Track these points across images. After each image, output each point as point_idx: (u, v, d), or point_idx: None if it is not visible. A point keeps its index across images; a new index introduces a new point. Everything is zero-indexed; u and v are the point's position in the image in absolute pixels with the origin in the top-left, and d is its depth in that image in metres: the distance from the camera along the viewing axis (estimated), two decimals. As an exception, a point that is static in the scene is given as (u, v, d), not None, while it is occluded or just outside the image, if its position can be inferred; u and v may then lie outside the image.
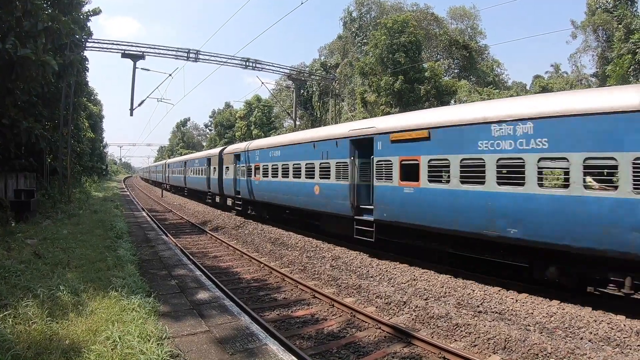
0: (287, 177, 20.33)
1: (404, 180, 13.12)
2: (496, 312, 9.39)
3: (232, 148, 30.39)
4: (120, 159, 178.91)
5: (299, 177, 19.06)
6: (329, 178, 16.85)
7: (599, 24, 42.56)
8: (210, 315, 7.69)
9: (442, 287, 11.17)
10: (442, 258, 13.28)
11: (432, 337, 8.49)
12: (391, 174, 13.48)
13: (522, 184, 9.79)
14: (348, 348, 8.17)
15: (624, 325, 8.22)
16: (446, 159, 11.72)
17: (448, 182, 11.68)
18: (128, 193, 52.09)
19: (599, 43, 45.57)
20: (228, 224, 24.60)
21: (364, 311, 9.82)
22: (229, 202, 30.74)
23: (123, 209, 28.30)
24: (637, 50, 32.32)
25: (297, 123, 52.61)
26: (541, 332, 8.26)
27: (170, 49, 32.55)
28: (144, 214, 27.52)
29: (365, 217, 14.98)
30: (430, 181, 12.23)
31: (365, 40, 50.76)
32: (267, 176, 22.68)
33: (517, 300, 9.93)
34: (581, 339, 7.90)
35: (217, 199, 33.82)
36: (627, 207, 8.15)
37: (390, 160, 13.56)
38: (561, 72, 59.53)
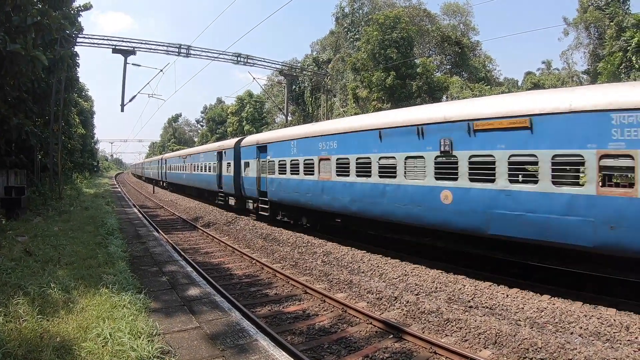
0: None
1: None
2: (487, 307, 9.45)
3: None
4: (112, 155, 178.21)
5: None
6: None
7: (591, 21, 42.69)
8: (201, 311, 7.69)
9: (433, 282, 11.22)
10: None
11: (423, 332, 8.54)
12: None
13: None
14: (339, 343, 8.20)
15: (614, 320, 8.29)
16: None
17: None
18: (119, 189, 51.81)
19: (590, 40, 45.73)
20: (220, 220, 24.56)
21: (355, 306, 9.85)
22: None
23: (114, 206, 28.18)
24: (628, 47, 32.49)
25: (289, 119, 52.55)
26: (532, 327, 8.32)
27: (161, 44, 32.46)
28: (135, 211, 27.41)
29: None
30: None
31: (358, 36, 50.59)
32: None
33: (507, 295, 9.99)
34: (571, 333, 7.96)
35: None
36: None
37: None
38: (553, 68, 59.80)
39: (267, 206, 21.48)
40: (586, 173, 8.63)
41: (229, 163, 27.04)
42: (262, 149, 22.27)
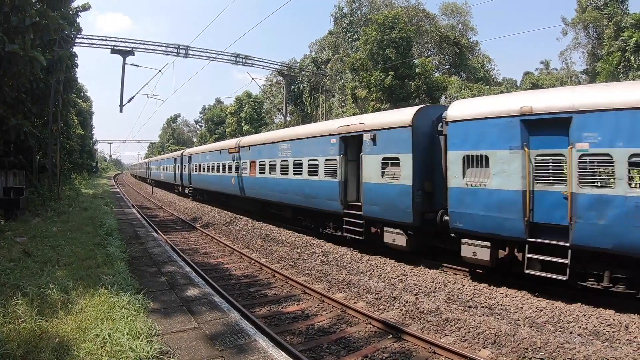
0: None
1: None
2: (486, 307, 9.45)
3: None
4: (110, 156, 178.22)
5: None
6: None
7: (589, 21, 42.79)
8: (200, 311, 7.69)
9: (432, 282, 11.23)
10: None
11: (422, 332, 8.54)
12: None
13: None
14: (338, 343, 8.20)
15: (613, 319, 8.30)
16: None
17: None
18: (118, 190, 51.77)
19: (589, 40, 45.83)
20: (219, 221, 24.54)
21: (354, 307, 9.85)
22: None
23: (113, 206, 28.14)
24: (626, 47, 32.55)
25: (288, 119, 52.55)
26: (531, 327, 8.32)
27: (160, 44, 32.42)
28: (134, 211, 27.38)
29: None
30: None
31: (356, 36, 50.62)
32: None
33: (506, 295, 10.00)
34: (570, 333, 7.97)
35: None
36: None
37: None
38: (551, 68, 59.81)
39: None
40: None
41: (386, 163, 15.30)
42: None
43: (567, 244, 9.26)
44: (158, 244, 15.07)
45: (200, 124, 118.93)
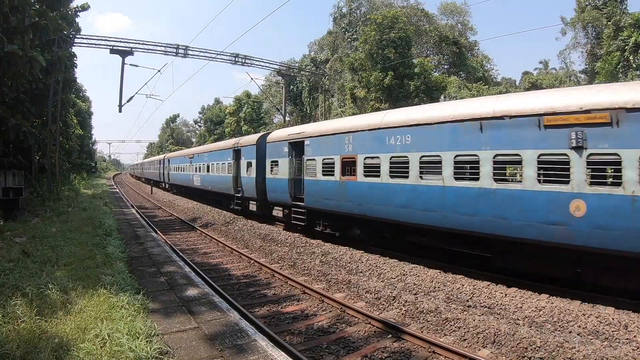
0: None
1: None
2: (485, 307, 9.46)
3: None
4: (110, 156, 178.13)
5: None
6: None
7: (588, 20, 42.75)
8: (199, 311, 7.68)
9: (432, 281, 11.24)
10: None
11: (422, 332, 8.55)
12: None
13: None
14: (338, 343, 8.21)
15: (613, 318, 8.31)
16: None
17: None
18: (117, 190, 51.76)
19: (588, 40, 45.80)
20: (218, 221, 24.56)
21: (353, 306, 9.86)
22: None
23: (112, 206, 28.09)
24: (625, 47, 32.57)
25: (287, 119, 52.54)
26: (530, 326, 8.33)
27: (159, 44, 32.43)
28: (133, 211, 27.36)
29: None
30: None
31: (355, 36, 50.69)
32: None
33: (506, 295, 10.00)
34: (570, 332, 7.97)
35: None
36: None
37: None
38: (550, 68, 59.82)
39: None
40: None
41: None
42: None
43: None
44: (157, 244, 15.06)
45: (199, 124, 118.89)
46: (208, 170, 32.48)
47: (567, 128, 9.12)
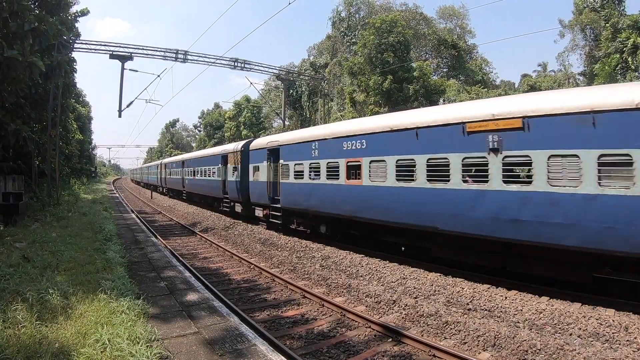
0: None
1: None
2: (485, 310, 9.46)
3: None
4: (109, 161, 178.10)
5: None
6: None
7: (586, 23, 42.84)
8: (199, 316, 7.68)
9: (432, 285, 11.23)
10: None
11: (422, 335, 8.55)
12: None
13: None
14: (338, 347, 8.21)
15: (613, 320, 8.31)
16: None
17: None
18: (117, 195, 51.74)
19: (586, 42, 45.86)
20: (218, 225, 24.55)
21: (354, 310, 9.86)
22: None
23: (112, 211, 28.09)
24: (624, 49, 32.62)
25: (287, 123, 52.57)
26: (530, 329, 8.33)
27: (159, 49, 32.52)
28: (133, 216, 27.36)
29: None
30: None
31: (354, 40, 50.73)
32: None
33: (506, 297, 10.01)
34: (570, 335, 7.98)
35: None
36: None
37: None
38: (549, 71, 59.91)
39: None
40: None
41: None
42: None
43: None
44: (157, 248, 15.06)
45: (199, 128, 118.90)
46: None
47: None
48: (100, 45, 31.08)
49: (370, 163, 14.14)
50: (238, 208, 25.79)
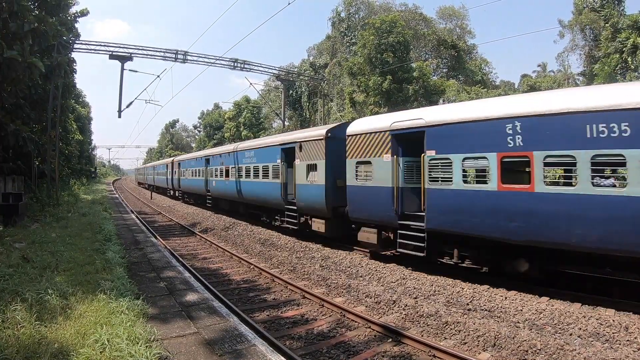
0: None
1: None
2: (485, 310, 9.45)
3: None
4: (109, 161, 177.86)
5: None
6: None
7: (586, 23, 42.83)
8: (199, 316, 7.68)
9: (432, 285, 11.22)
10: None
11: (422, 336, 8.54)
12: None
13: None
14: (338, 348, 8.19)
15: (613, 320, 8.31)
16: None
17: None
18: (117, 195, 51.73)
19: (586, 42, 45.87)
20: (217, 226, 24.53)
21: (353, 311, 9.85)
22: None
23: (112, 212, 28.07)
24: (624, 49, 32.60)
25: (287, 123, 52.57)
26: (530, 329, 8.32)
27: (158, 50, 32.51)
28: (133, 217, 27.35)
29: None
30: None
31: (354, 40, 50.75)
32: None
33: (506, 298, 10.00)
34: (570, 335, 7.97)
35: None
36: None
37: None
38: (548, 71, 59.97)
39: None
40: None
41: None
42: None
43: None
44: (157, 249, 15.06)
45: (198, 129, 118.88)
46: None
47: None
48: (100, 45, 31.08)
49: None
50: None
